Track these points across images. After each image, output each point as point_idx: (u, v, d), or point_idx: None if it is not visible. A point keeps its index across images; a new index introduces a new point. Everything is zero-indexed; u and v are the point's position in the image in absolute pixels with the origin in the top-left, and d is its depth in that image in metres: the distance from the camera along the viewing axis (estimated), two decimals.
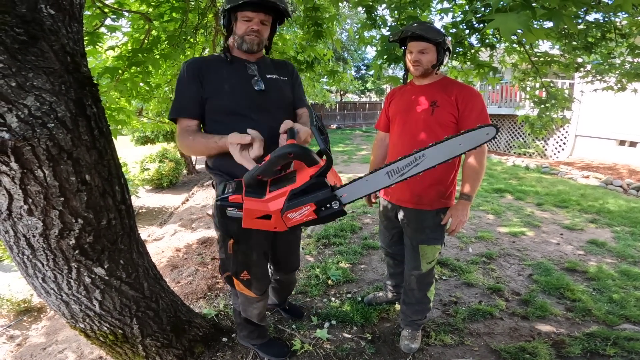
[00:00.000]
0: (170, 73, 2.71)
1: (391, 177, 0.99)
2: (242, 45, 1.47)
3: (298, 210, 0.92)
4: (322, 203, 0.91)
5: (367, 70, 23.66)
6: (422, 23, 1.84)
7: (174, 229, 4.99)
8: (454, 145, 1.03)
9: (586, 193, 6.04)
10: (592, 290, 2.85)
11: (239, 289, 1.66)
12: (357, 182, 0.98)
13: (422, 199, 1.85)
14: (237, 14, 1.43)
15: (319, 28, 2.32)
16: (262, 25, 1.45)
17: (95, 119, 1.19)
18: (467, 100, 1.74)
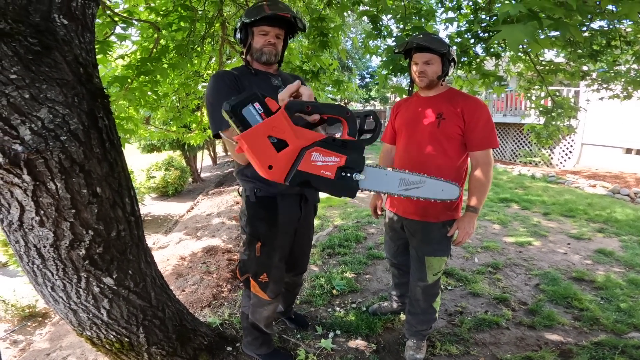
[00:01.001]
0: (178, 82, 2.75)
1: (399, 187, 0.98)
2: (261, 57, 1.53)
3: (327, 155, 0.80)
4: (351, 165, 0.82)
5: (371, 78, 23.79)
6: (426, 34, 1.85)
7: (179, 237, 5.01)
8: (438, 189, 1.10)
9: (593, 202, 5.98)
10: (600, 299, 2.82)
11: (254, 291, 1.69)
12: (380, 170, 0.94)
13: (428, 211, 1.84)
14: (254, 29, 1.50)
15: (324, 38, 2.36)
16: (277, 38, 1.53)
17: (106, 131, 1.19)
18: (473, 111, 1.74)
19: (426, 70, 1.77)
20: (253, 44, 1.52)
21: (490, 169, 1.78)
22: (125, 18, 2.06)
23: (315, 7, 2.44)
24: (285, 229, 1.60)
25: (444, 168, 1.78)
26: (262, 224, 1.57)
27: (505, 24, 1.12)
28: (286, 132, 0.77)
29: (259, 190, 1.54)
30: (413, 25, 1.86)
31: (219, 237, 4.64)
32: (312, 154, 0.79)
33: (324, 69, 2.80)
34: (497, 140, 1.77)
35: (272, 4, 1.47)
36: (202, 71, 2.97)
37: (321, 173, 0.80)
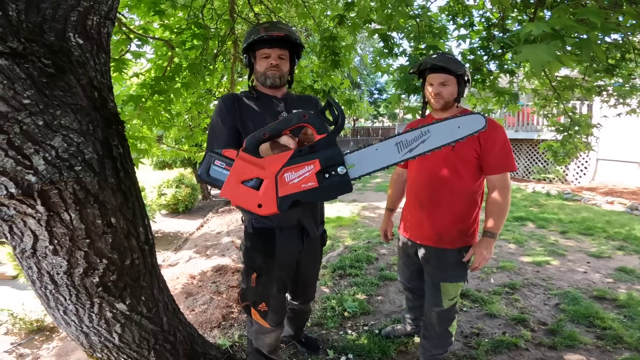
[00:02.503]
0: (190, 101, 2.78)
1: (400, 151, 0.87)
2: (265, 81, 1.52)
3: (298, 170, 0.76)
4: (328, 163, 0.75)
5: (379, 94, 23.95)
6: (442, 54, 1.82)
7: (188, 255, 4.99)
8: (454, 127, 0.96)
9: (612, 219, 5.82)
10: (623, 317, 2.75)
11: (255, 318, 1.65)
12: (366, 149, 0.84)
13: (444, 238, 1.77)
14: (256, 53, 1.50)
15: (335, 57, 2.36)
16: (280, 59, 1.50)
17: (121, 160, 1.16)
18: (489, 134, 1.67)
19: (442, 92, 1.71)
20: (257, 67, 1.52)
21: (508, 192, 1.71)
22: (141, 35, 2.09)
23: (327, 26, 2.45)
24: (283, 261, 1.56)
25: (458, 192, 1.73)
26: (259, 255, 1.54)
27: (527, 44, 1.09)
28: (253, 171, 0.77)
29: (256, 221, 1.52)
30: (426, 44, 1.83)
31: (229, 257, 4.61)
32: (284, 175, 0.77)
33: (335, 88, 2.80)
34: (515, 163, 1.71)
35: (270, 26, 1.46)
36: (214, 89, 3.00)
37: (302, 188, 0.77)
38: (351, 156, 0.82)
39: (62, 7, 1.00)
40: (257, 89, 1.58)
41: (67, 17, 1.02)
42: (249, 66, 1.56)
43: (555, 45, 1.08)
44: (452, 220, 1.75)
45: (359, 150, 0.84)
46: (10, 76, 0.88)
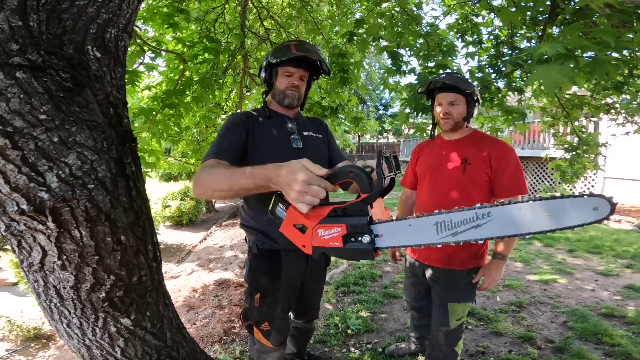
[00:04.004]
0: (200, 115, 2.80)
1: (440, 233, 0.75)
2: (283, 100, 1.50)
3: (329, 229, 0.82)
4: (353, 230, 0.79)
5: (385, 110, 24.06)
6: (450, 73, 1.81)
7: (191, 268, 4.96)
8: (539, 214, 0.67)
9: (620, 238, 5.75)
10: (632, 333, 2.74)
11: (257, 337, 1.62)
12: (399, 222, 0.79)
13: (453, 259, 1.73)
14: (279, 69, 1.47)
15: (344, 74, 2.38)
16: (300, 80, 1.50)
17: (133, 179, 1.14)
18: (501, 157, 1.65)
19: (451, 112, 1.69)
20: (276, 84, 1.49)
21: None
22: (154, 48, 2.11)
23: (336, 43, 2.48)
24: (289, 282, 1.53)
25: None
26: (264, 276, 1.51)
27: (540, 65, 1.09)
28: (301, 219, 0.86)
29: (262, 242, 1.49)
30: (436, 63, 1.84)
31: (232, 271, 4.57)
32: (318, 231, 0.84)
33: (343, 106, 2.81)
34: (527, 186, 1.69)
35: (299, 45, 1.44)
36: (222, 103, 3.03)
37: (330, 245, 0.83)
38: (382, 226, 0.80)
39: (82, 18, 0.99)
40: (270, 107, 1.56)
41: (87, 30, 1.00)
42: (266, 81, 1.52)
43: (569, 65, 1.07)
44: (462, 246, 1.69)
45: (390, 222, 0.80)
46: (27, 90, 0.86)
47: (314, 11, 3.26)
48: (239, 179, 0.98)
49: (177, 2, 2.08)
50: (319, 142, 1.59)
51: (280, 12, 3.46)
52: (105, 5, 1.04)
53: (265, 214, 1.46)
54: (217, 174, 1.10)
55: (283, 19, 3.29)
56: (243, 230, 1.58)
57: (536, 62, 1.10)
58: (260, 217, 1.47)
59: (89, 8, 1.00)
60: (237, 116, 1.46)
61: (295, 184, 0.79)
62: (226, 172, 1.07)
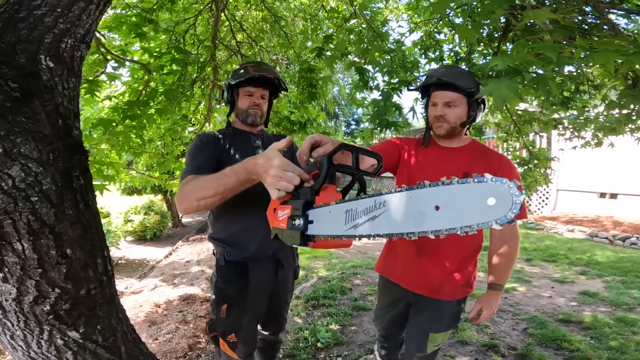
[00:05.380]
0: (164, 127, 2.73)
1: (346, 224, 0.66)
2: (246, 119, 1.56)
3: (283, 210, 0.84)
4: (294, 212, 0.80)
5: (356, 125, 24.46)
6: (450, 67, 1.55)
7: (154, 283, 4.76)
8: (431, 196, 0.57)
9: (573, 247, 6.10)
10: (590, 339, 2.85)
11: (223, 349, 1.58)
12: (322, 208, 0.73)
13: (443, 288, 1.50)
14: (239, 90, 1.54)
15: (313, 89, 2.42)
16: (261, 99, 1.57)
17: (81, 192, 1.10)
18: (507, 174, 1.30)
19: (447, 114, 1.42)
20: (239, 104, 1.56)
21: (518, 242, 1.50)
22: (119, 58, 2.05)
23: (306, 58, 2.52)
24: (257, 292, 1.54)
25: (466, 240, 1.49)
26: (231, 287, 1.51)
27: (491, 79, 1.15)
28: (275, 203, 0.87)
29: (229, 254, 1.50)
30: (399, 79, 1.89)
31: (198, 286, 4.42)
32: (278, 212, 0.85)
33: (312, 120, 2.84)
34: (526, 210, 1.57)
35: (257, 66, 1.54)
36: (190, 115, 2.97)
37: (280, 225, 0.84)
38: (313, 212, 0.76)
39: (38, 28, 0.97)
40: (235, 125, 1.61)
41: (42, 39, 0.98)
42: (229, 102, 1.59)
43: (516, 81, 1.13)
44: (456, 267, 1.50)
45: (319, 207, 0.74)
46: None
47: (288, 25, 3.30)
48: (222, 180, 1.02)
49: (146, 12, 2.05)
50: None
51: (253, 26, 3.48)
52: (64, 15, 1.02)
53: (233, 225, 1.48)
54: (199, 182, 1.14)
55: (255, 32, 3.30)
56: (211, 243, 1.58)
57: (487, 76, 1.16)
58: (228, 228, 1.50)
59: (46, 17, 0.99)
60: (204, 136, 1.49)
61: (271, 169, 0.82)
62: (207, 179, 1.09)
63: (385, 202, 0.60)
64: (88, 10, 1.10)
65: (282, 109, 3.03)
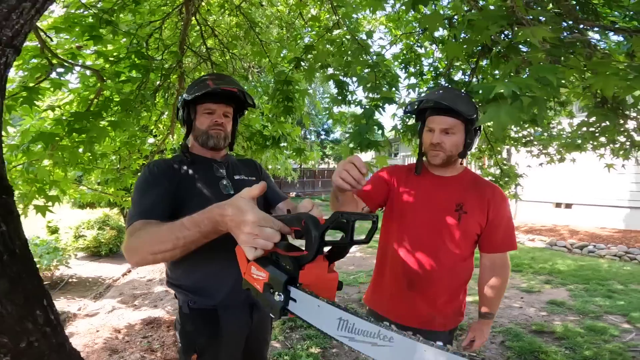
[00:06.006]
0: (120, 140, 2.43)
1: (339, 330, 0.67)
2: (207, 142, 1.32)
3: (258, 270, 0.76)
4: (272, 281, 0.72)
5: (326, 135, 24.50)
6: (448, 90, 1.50)
7: (111, 305, 4.35)
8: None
9: (535, 256, 6.33)
10: (565, 349, 2.93)
11: None
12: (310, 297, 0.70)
13: (434, 320, 1.45)
14: (197, 107, 1.30)
15: (289, 103, 2.24)
16: (224, 117, 1.34)
17: (4, 241, 0.91)
18: (499, 206, 1.40)
19: (444, 142, 1.34)
20: (197, 124, 1.31)
21: (509, 272, 1.49)
22: (67, 62, 1.77)
23: (282, 69, 2.34)
24: (232, 340, 1.31)
25: (459, 270, 1.45)
26: (200, 337, 1.28)
27: (490, 105, 1.06)
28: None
29: (193, 302, 1.26)
30: (381, 95, 1.75)
31: (162, 308, 4.08)
32: (252, 267, 0.78)
33: (285, 136, 2.66)
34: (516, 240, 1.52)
35: (218, 78, 1.30)
36: (151, 126, 2.69)
37: (255, 285, 0.78)
38: (299, 294, 0.71)
39: None
40: (193, 151, 1.37)
41: None
42: (185, 123, 1.34)
43: (517, 106, 1.05)
44: (449, 297, 1.46)
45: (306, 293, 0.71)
46: None
47: (263, 33, 3.12)
48: (181, 233, 0.86)
49: (105, 13, 1.79)
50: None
51: (226, 31, 3.26)
52: None
53: (197, 270, 1.24)
54: (153, 233, 0.96)
55: (228, 39, 3.08)
56: (170, 287, 1.33)
57: (485, 101, 1.07)
58: (191, 275, 1.25)
59: None
60: (155, 167, 1.25)
61: (245, 225, 0.71)
62: (163, 229, 0.93)
63: (392, 339, 0.61)
64: (21, 8, 0.88)
65: (254, 122, 2.83)
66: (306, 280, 0.72)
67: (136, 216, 1.07)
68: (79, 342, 2.93)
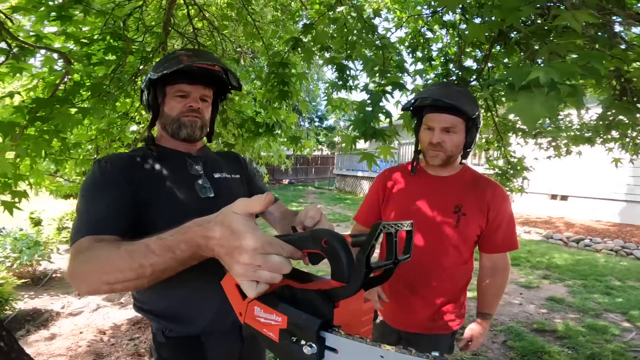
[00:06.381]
0: (96, 128, 2.19)
1: None
2: (179, 132, 1.06)
3: (267, 312, 0.58)
4: (297, 331, 0.54)
5: (320, 122, 24.21)
6: (448, 86, 1.40)
7: (96, 303, 4.18)
8: None
9: (532, 249, 6.28)
10: (567, 349, 2.91)
11: None
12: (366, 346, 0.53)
13: (436, 322, 1.43)
14: (167, 89, 1.05)
15: (285, 87, 2.02)
16: (202, 102, 1.09)
17: None
18: (499, 206, 1.34)
19: (444, 142, 1.28)
20: (166, 110, 1.06)
21: (508, 272, 1.45)
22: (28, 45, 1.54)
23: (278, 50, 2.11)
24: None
25: (458, 273, 1.42)
26: None
27: (522, 93, 0.89)
28: None
29: (169, 330, 1.03)
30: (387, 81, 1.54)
31: None
32: (254, 307, 0.59)
33: (280, 123, 2.44)
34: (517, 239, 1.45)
35: (193, 54, 1.05)
36: (132, 112, 2.47)
37: (263, 331, 0.58)
38: (342, 341, 0.52)
39: None
40: (160, 142, 1.11)
41: None
42: (151, 108, 1.08)
43: (554, 96, 0.88)
44: (449, 298, 1.44)
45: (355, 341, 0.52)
46: None
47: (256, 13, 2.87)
48: (147, 259, 0.63)
49: None
50: (236, 186, 1.18)
51: (217, 12, 3.01)
52: None
53: (171, 295, 1.00)
54: (106, 258, 0.71)
55: (218, 20, 2.83)
56: (142, 314, 1.09)
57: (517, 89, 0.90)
58: (163, 299, 1.02)
59: None
60: (108, 164, 0.97)
61: (242, 254, 0.51)
62: (121, 253, 0.68)
63: None
64: None
65: (245, 108, 2.61)
66: (343, 319, 0.55)
67: (83, 231, 0.82)
68: (62, 345, 2.76)
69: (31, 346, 2.73)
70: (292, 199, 13.32)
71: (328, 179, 19.76)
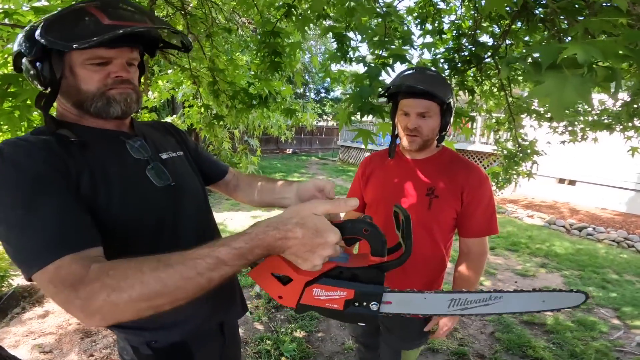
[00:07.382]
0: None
1: (450, 307, 0.79)
2: (109, 109, 0.81)
3: (329, 290, 0.71)
4: (363, 298, 0.71)
5: (326, 93, 23.66)
6: (422, 70, 1.37)
7: None
8: (537, 300, 0.81)
9: (533, 235, 6.18)
10: (553, 344, 2.89)
11: None
12: (413, 295, 0.78)
13: None
14: (74, 56, 0.76)
15: (277, 58, 1.86)
16: (130, 67, 0.84)
17: None
18: (476, 190, 1.32)
19: (421, 127, 1.29)
20: (80, 84, 0.78)
21: (485, 259, 1.41)
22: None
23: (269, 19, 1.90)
24: None
25: (431, 257, 1.40)
26: None
27: (550, 74, 0.75)
28: (285, 269, 0.72)
29: (155, 341, 0.91)
30: (389, 53, 1.39)
31: None
32: (313, 290, 0.71)
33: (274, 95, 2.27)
34: (497, 224, 1.39)
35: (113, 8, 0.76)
36: None
37: (327, 306, 0.72)
38: (393, 296, 0.77)
39: None
40: (81, 123, 0.83)
41: None
42: (49, 82, 0.77)
43: (589, 79, 0.74)
44: (424, 282, 1.44)
45: (404, 292, 0.78)
46: None
47: None
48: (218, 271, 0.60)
49: None
50: (184, 166, 1.01)
51: None
52: None
53: None
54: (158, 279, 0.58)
55: None
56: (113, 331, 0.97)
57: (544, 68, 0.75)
58: None
59: None
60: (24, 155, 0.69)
61: (326, 249, 0.62)
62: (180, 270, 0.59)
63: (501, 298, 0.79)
64: None
65: (239, 79, 2.43)
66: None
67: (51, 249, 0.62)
68: (54, 323, 2.78)
69: (25, 324, 2.76)
70: (295, 169, 13.19)
71: (332, 149, 19.59)
